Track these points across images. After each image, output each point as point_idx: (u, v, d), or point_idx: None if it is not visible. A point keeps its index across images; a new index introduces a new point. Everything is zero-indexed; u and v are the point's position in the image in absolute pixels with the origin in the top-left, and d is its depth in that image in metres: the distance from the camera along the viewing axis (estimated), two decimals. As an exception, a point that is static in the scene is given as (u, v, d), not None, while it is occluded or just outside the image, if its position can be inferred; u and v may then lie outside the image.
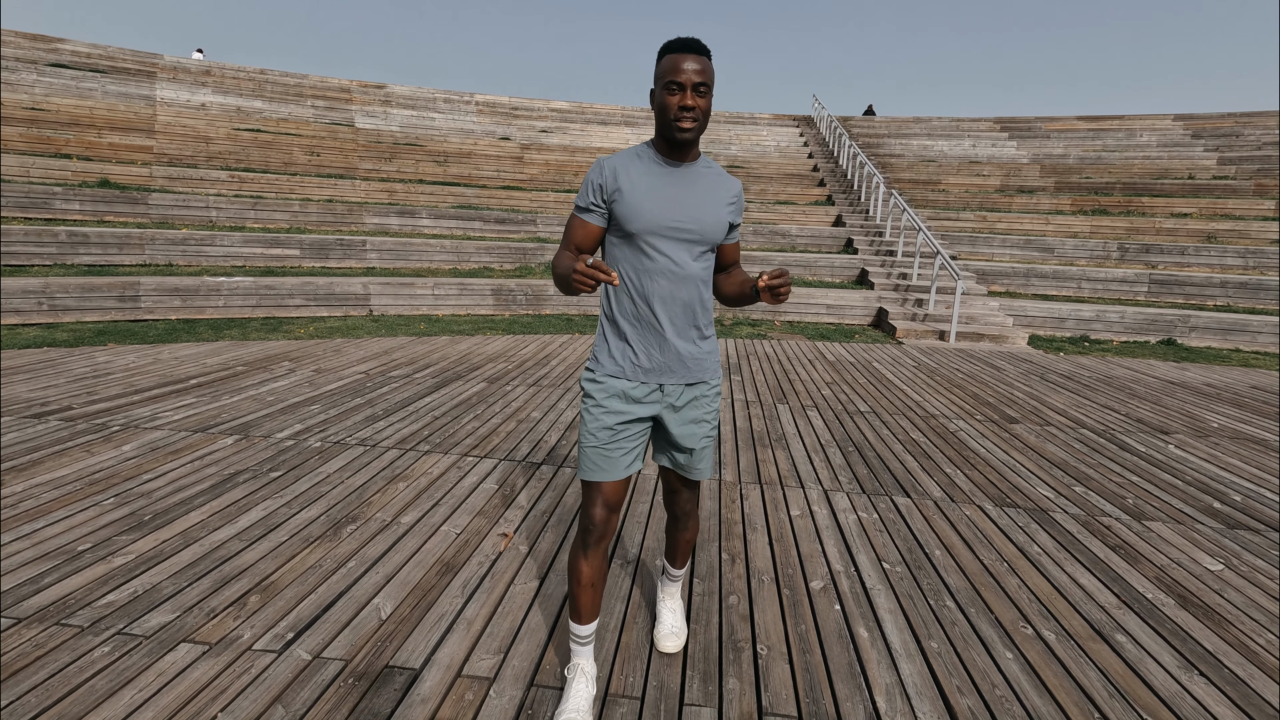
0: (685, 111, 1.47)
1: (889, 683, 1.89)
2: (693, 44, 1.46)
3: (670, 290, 1.57)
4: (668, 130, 1.51)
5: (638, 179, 1.55)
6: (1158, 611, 2.32)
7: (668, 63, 1.47)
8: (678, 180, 1.57)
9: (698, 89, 1.46)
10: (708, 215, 1.57)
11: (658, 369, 1.61)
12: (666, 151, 1.57)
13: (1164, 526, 3.04)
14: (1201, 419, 5.02)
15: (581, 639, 1.69)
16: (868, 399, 5.21)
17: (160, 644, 1.90)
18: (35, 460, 3.20)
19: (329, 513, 2.79)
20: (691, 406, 1.67)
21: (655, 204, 1.53)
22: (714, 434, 1.74)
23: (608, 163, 1.56)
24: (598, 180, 1.55)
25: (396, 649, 1.93)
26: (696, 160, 1.61)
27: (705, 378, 1.68)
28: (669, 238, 1.55)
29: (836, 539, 2.77)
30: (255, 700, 1.70)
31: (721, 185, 1.62)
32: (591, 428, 1.62)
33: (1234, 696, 1.89)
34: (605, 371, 1.62)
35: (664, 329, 1.58)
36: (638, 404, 1.62)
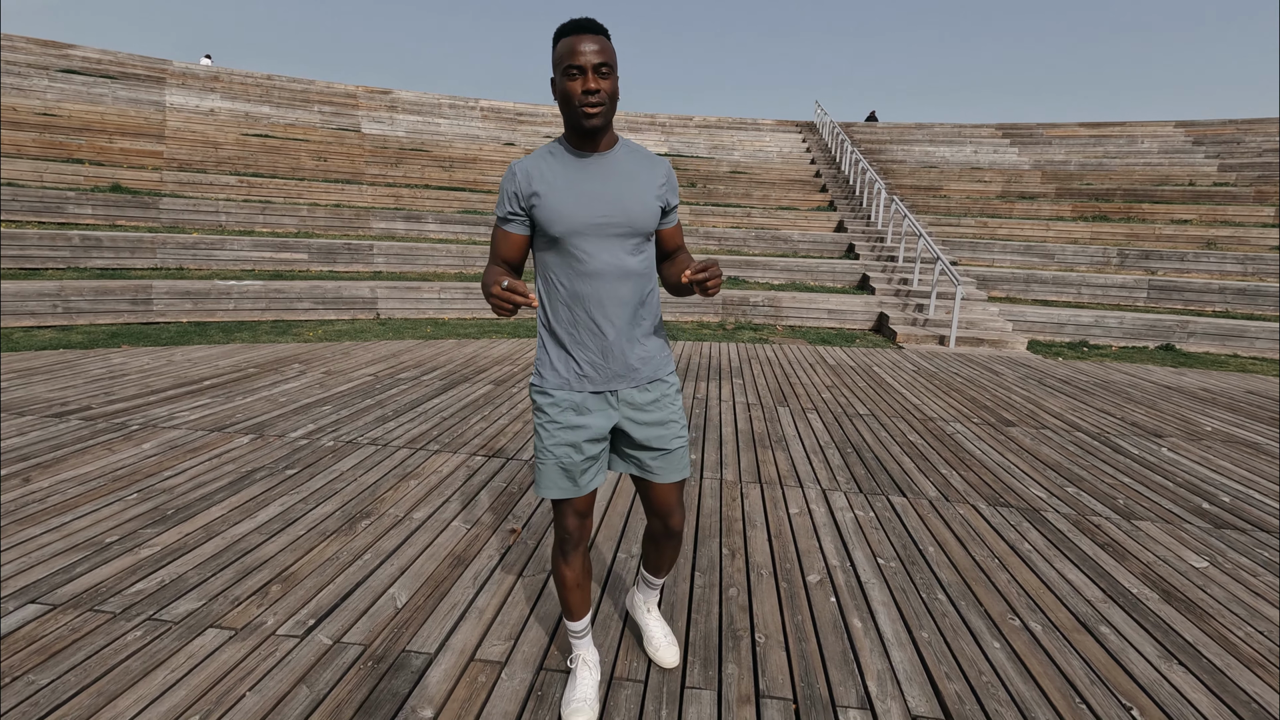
0: (589, 95, 1.37)
1: (880, 669, 1.98)
2: (587, 24, 1.37)
3: (607, 291, 1.47)
4: (574, 119, 1.40)
5: (554, 179, 1.45)
6: (1141, 605, 2.42)
7: (564, 46, 1.36)
8: (596, 172, 1.46)
9: (599, 70, 1.36)
10: (634, 204, 1.46)
11: (606, 376, 1.52)
12: (578, 143, 1.47)
13: (1153, 526, 3.13)
14: (1195, 423, 5.10)
15: (578, 633, 1.75)
16: (867, 402, 5.31)
17: (189, 629, 2.01)
18: (60, 458, 3.31)
19: (344, 508, 2.89)
20: (655, 408, 1.59)
21: (575, 202, 1.44)
22: (684, 432, 1.64)
23: (519, 166, 1.47)
24: (511, 188, 1.47)
25: (412, 635, 2.03)
26: (615, 146, 1.50)
27: (660, 376, 1.60)
28: (596, 235, 1.44)
29: (833, 536, 2.87)
30: (281, 680, 1.80)
31: (647, 168, 1.51)
32: (548, 444, 1.54)
33: (1211, 684, 1.98)
34: (551, 385, 1.54)
35: (605, 334, 1.49)
36: (592, 414, 1.54)
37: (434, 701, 1.75)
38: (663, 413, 1.59)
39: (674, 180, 1.57)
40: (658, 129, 19.78)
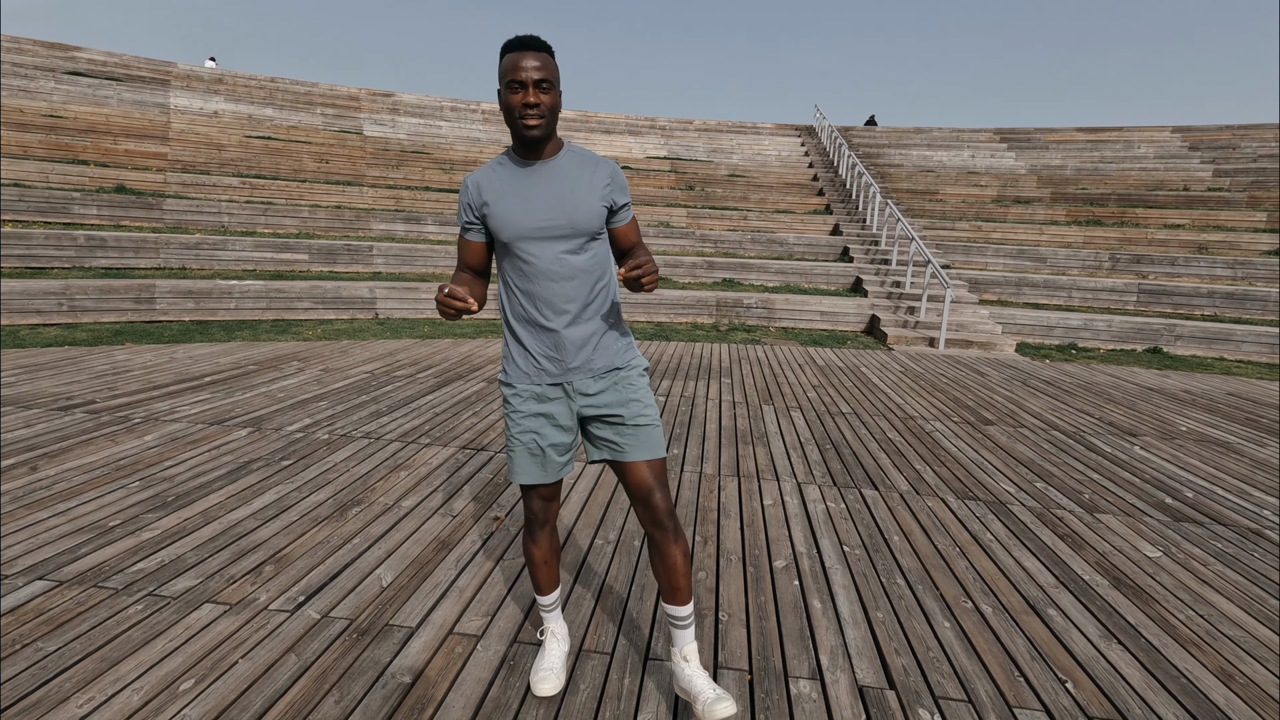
0: (529, 109, 1.46)
1: (834, 645, 2.11)
2: (531, 41, 1.46)
3: (555, 289, 1.56)
4: (517, 129, 1.49)
5: (500, 187, 1.56)
6: (1091, 590, 2.54)
7: (507, 62, 1.46)
8: (539, 179, 1.55)
9: (539, 85, 1.45)
10: (576, 206, 1.55)
11: (560, 370, 1.61)
12: (523, 153, 1.56)
13: (1113, 519, 3.26)
14: (1171, 423, 5.22)
15: (547, 606, 1.87)
16: (851, 401, 5.43)
17: (186, 604, 2.14)
18: (66, 448, 3.45)
19: (336, 497, 3.03)
20: (614, 389, 1.64)
21: (519, 209, 1.54)
22: (651, 411, 1.67)
23: (471, 179, 1.58)
24: (465, 199, 1.60)
25: (396, 611, 2.16)
26: (559, 153, 1.59)
27: (617, 364, 1.65)
28: (540, 239, 1.54)
29: (804, 525, 3.00)
30: (271, 649, 1.94)
31: (589, 171, 1.58)
32: (514, 432, 1.66)
33: (1145, 661, 2.11)
34: (513, 378, 1.65)
35: (555, 328, 1.58)
36: (552, 403, 1.64)
37: (414, 669, 1.89)
38: (622, 392, 1.64)
39: (620, 180, 1.62)
40: (658, 132, 19.93)
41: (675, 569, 1.64)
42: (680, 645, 1.70)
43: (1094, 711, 1.86)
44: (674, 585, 1.65)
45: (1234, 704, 1.92)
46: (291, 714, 1.69)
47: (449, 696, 1.79)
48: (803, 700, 1.85)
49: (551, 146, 1.57)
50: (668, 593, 1.67)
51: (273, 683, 1.80)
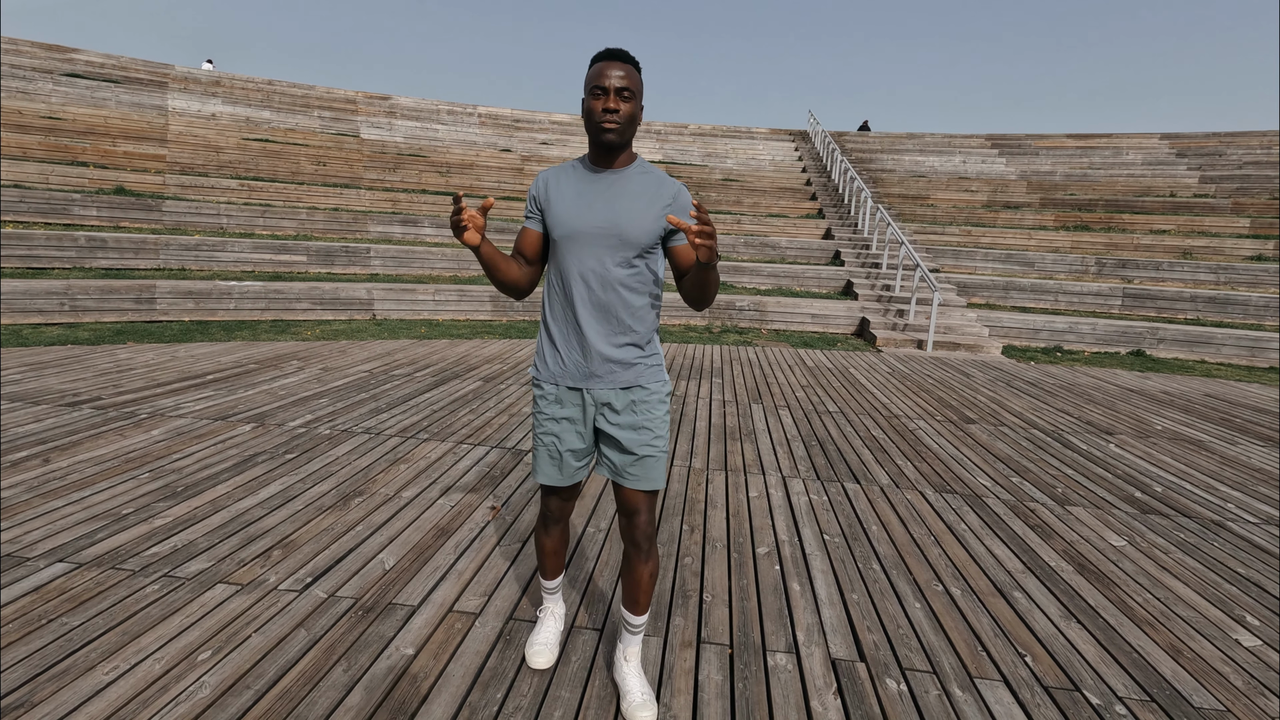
0: (609, 114, 1.51)
1: (810, 623, 2.25)
2: (618, 53, 1.53)
3: (591, 295, 1.60)
4: (594, 133, 1.55)
5: (565, 188, 1.62)
6: (1056, 575, 2.69)
7: (594, 70, 1.52)
8: (604, 186, 1.60)
9: (620, 93, 1.51)
10: (630, 219, 1.57)
11: (583, 373, 1.64)
12: (596, 159, 1.62)
13: (1083, 511, 3.41)
14: (1147, 422, 5.39)
15: (550, 589, 1.99)
16: (838, 401, 5.59)
17: (200, 584, 2.27)
18: (76, 441, 3.57)
19: (338, 488, 3.16)
20: (630, 412, 1.66)
21: (575, 210, 1.59)
22: (659, 443, 1.68)
23: (542, 175, 1.67)
24: (533, 192, 1.68)
25: (398, 591, 2.30)
26: (629, 165, 1.63)
27: (640, 383, 1.66)
28: (588, 243, 1.58)
29: (786, 516, 3.14)
30: (282, 625, 2.06)
31: (654, 188, 1.60)
32: (538, 432, 1.74)
33: (1101, 639, 2.26)
34: (543, 376, 1.71)
35: (586, 333, 1.61)
36: (571, 408, 1.68)
37: (416, 643, 2.02)
38: (638, 417, 1.65)
39: (683, 202, 1.61)
40: (653, 136, 20.11)
41: (639, 584, 1.73)
42: (625, 646, 1.82)
43: (1049, 682, 2.01)
44: (634, 598, 1.75)
45: (1180, 675, 2.07)
46: (303, 681, 1.82)
47: (449, 667, 1.92)
48: (779, 671, 1.99)
49: (624, 158, 1.61)
50: (628, 601, 1.77)
51: (285, 654, 1.93)
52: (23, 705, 1.68)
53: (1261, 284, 11.01)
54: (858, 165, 18.22)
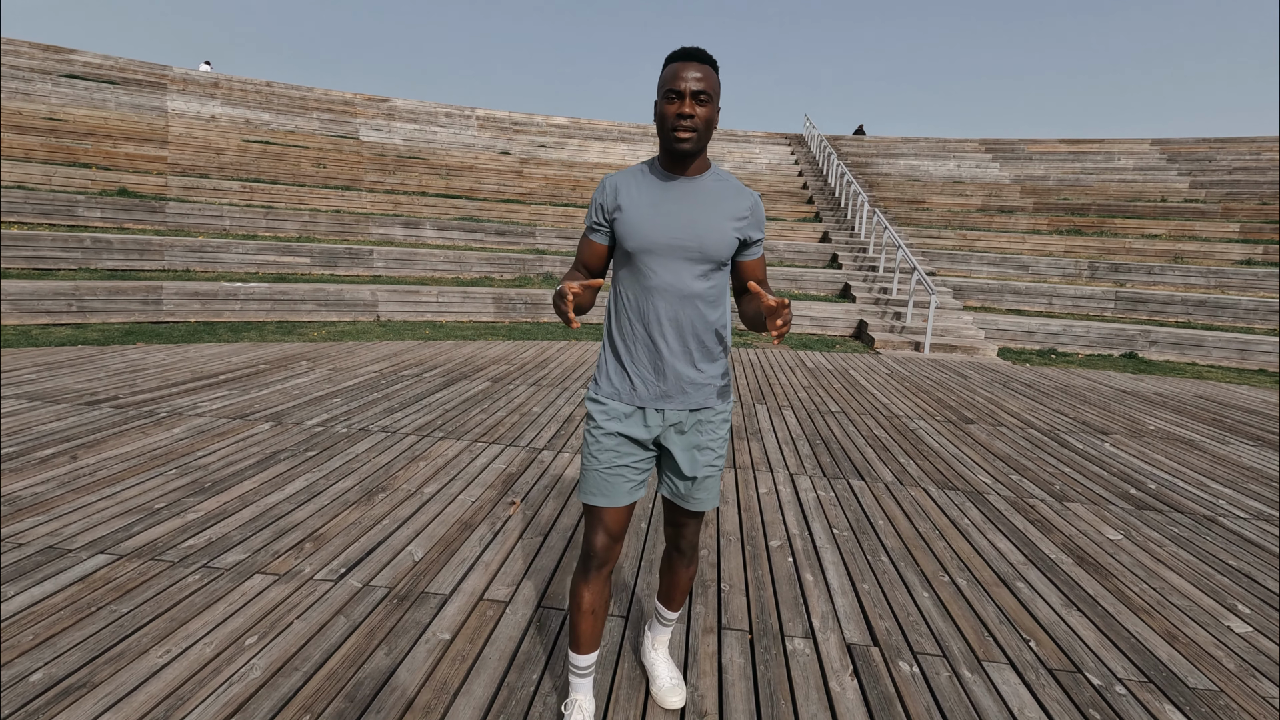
0: (683, 120, 1.41)
1: (825, 610, 2.36)
2: (696, 53, 1.42)
3: (669, 311, 1.50)
4: (667, 141, 1.45)
5: (638, 195, 1.50)
6: (1056, 567, 2.81)
7: (669, 71, 1.42)
8: (679, 195, 1.50)
9: (697, 97, 1.40)
10: (709, 231, 1.48)
11: (655, 394, 1.54)
12: (669, 165, 1.50)
13: (1081, 507, 3.53)
14: (1141, 422, 5.52)
15: (581, 670, 1.65)
16: (839, 401, 5.70)
17: (239, 574, 2.36)
18: (100, 439, 3.65)
19: (361, 484, 3.25)
20: (695, 432, 1.58)
21: (652, 220, 1.48)
22: (719, 463, 1.63)
23: (609, 180, 1.53)
24: (599, 199, 1.53)
25: (429, 581, 2.39)
26: (705, 173, 1.53)
27: (710, 403, 1.59)
28: (666, 255, 1.48)
29: (796, 511, 3.25)
30: (322, 612, 2.16)
31: (731, 198, 1.52)
32: (593, 449, 1.57)
33: (1100, 625, 2.37)
34: (604, 394, 1.58)
35: (661, 352, 1.51)
36: (638, 427, 1.56)
37: (451, 628, 2.11)
38: (702, 437, 1.58)
39: (759, 214, 1.56)
40: (650, 139, 20.23)
41: (679, 585, 1.81)
42: (656, 634, 1.92)
43: (1052, 664, 2.12)
44: (671, 595, 1.83)
45: (1175, 659, 2.18)
46: (348, 664, 1.91)
47: (485, 650, 2.01)
48: (797, 655, 2.09)
49: (698, 164, 1.51)
50: (664, 597, 1.85)
51: (327, 638, 2.02)
52: (84, 685, 1.77)
53: (1251, 288, 11.20)
54: (853, 169, 18.39)
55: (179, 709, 1.70)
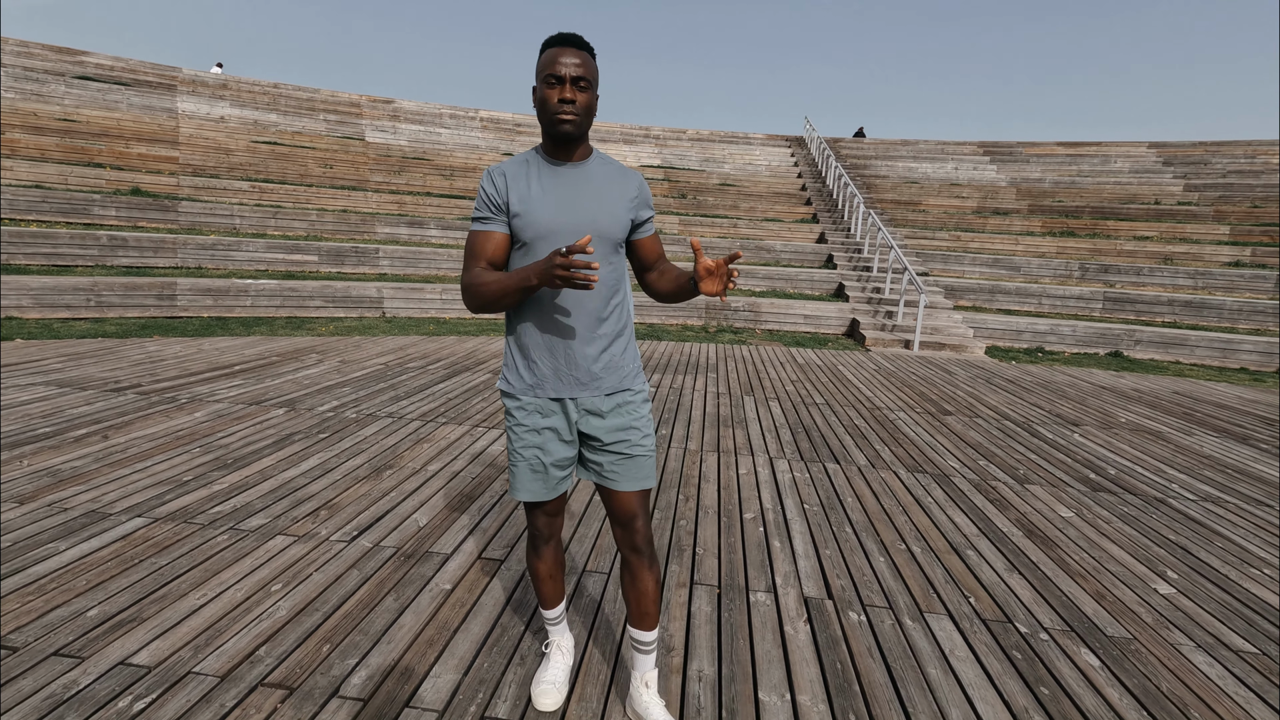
0: (564, 104, 1.42)
1: (787, 571, 2.62)
2: (572, 38, 1.43)
3: (573, 297, 1.50)
4: (550, 126, 1.45)
5: (530, 185, 1.49)
6: (1006, 539, 3.06)
7: (546, 57, 1.42)
8: (568, 181, 1.51)
9: (577, 82, 1.42)
10: (602, 214, 1.51)
11: (566, 382, 1.54)
12: (553, 152, 1.51)
13: (1040, 489, 3.79)
14: (1113, 415, 5.77)
15: (553, 620, 1.83)
16: (825, 394, 5.96)
17: (263, 535, 2.63)
18: (128, 421, 3.93)
19: (370, 462, 3.52)
20: (616, 414, 1.59)
21: (545, 209, 1.48)
22: (649, 441, 1.62)
23: (496, 169, 1.51)
24: (487, 189, 1.50)
25: (433, 543, 2.66)
26: (589, 158, 1.55)
27: (625, 385, 1.60)
28: (562, 241, 1.48)
29: (771, 489, 3.51)
30: (338, 565, 2.43)
31: (619, 181, 1.55)
32: (517, 446, 1.59)
33: (1037, 586, 2.63)
34: (518, 389, 1.58)
35: (567, 339, 1.52)
36: (555, 417, 1.57)
37: (452, 580, 2.38)
38: (625, 418, 1.59)
39: (646, 193, 1.59)
40: (651, 141, 20.50)
41: (646, 594, 1.62)
42: (642, 671, 1.70)
43: (987, 616, 2.38)
44: (643, 610, 1.63)
45: (1099, 613, 2.44)
46: (361, 607, 2.18)
47: (482, 598, 2.28)
48: (759, 606, 2.36)
49: (582, 150, 1.54)
50: (635, 617, 1.65)
51: (343, 586, 2.29)
52: (134, 620, 2.04)
53: (1237, 289, 11.42)
54: (852, 171, 18.63)
55: (218, 638, 1.97)
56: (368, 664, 1.90)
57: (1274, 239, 13.33)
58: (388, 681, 1.83)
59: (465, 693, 1.81)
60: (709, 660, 2.03)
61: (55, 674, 1.78)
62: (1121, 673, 2.09)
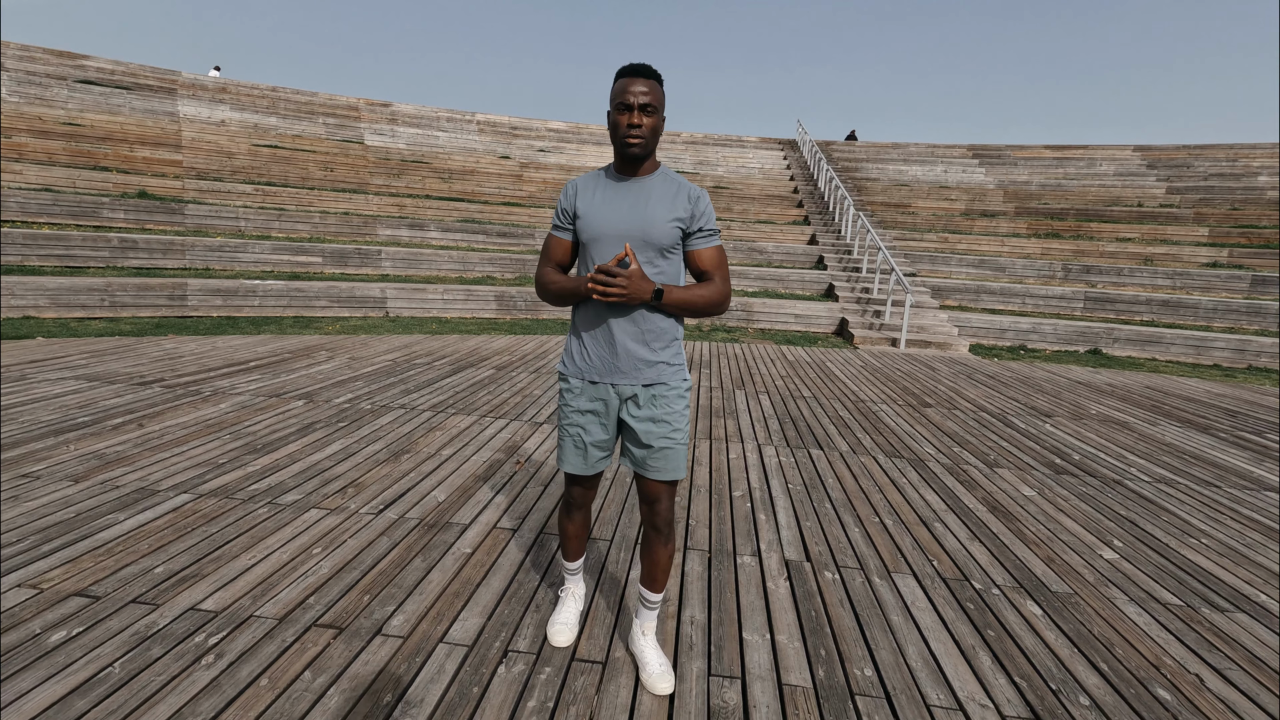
0: (632, 129, 1.62)
1: (771, 539, 2.92)
2: (642, 69, 1.62)
3: None
4: (619, 146, 1.66)
5: (594, 195, 1.74)
6: (971, 513, 3.37)
7: (619, 86, 1.63)
8: (629, 193, 1.71)
9: (644, 109, 1.62)
10: (653, 222, 1.68)
11: (609, 369, 1.75)
12: (621, 168, 1.73)
13: (1008, 472, 4.10)
14: (1085, 407, 6.10)
15: (571, 571, 2.11)
16: (812, 388, 6.27)
17: (298, 509, 2.92)
18: (159, 412, 4.21)
19: (389, 447, 3.81)
20: (650, 405, 1.76)
21: (603, 215, 1.70)
22: (678, 435, 1.78)
23: (573, 183, 1.77)
24: (563, 204, 1.78)
25: (452, 515, 2.95)
26: (653, 173, 1.74)
27: (663, 380, 1.76)
28: (614, 244, 1.70)
29: (759, 471, 3.81)
30: (369, 533, 2.72)
31: (674, 192, 1.72)
32: (564, 424, 1.85)
33: (994, 551, 2.93)
34: (570, 373, 1.83)
35: (613, 332, 1.72)
36: (598, 401, 1.80)
37: (472, 545, 2.68)
38: (658, 410, 1.76)
39: (702, 207, 1.73)
40: (646, 145, 20.81)
41: (659, 565, 1.89)
42: (643, 621, 1.98)
43: (947, 575, 2.68)
44: (654, 576, 1.91)
45: (1047, 574, 2.75)
46: (394, 565, 2.47)
47: (499, 560, 2.58)
48: (744, 567, 2.66)
49: (647, 166, 1.74)
50: (647, 579, 1.92)
51: (375, 550, 2.58)
52: (196, 576, 2.33)
53: (1213, 289, 11.79)
54: (844, 174, 18.98)
55: (272, 589, 2.26)
56: (404, 610, 2.19)
57: (1252, 240, 13.73)
58: (422, 624, 2.12)
59: (490, 632, 2.10)
60: (700, 609, 2.33)
61: (136, 617, 2.07)
62: (1060, 620, 2.40)
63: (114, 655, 1.89)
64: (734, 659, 2.06)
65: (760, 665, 2.03)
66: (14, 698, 1.71)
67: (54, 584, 2.23)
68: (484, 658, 1.98)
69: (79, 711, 1.67)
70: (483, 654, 1.99)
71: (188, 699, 1.73)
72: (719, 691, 1.90)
